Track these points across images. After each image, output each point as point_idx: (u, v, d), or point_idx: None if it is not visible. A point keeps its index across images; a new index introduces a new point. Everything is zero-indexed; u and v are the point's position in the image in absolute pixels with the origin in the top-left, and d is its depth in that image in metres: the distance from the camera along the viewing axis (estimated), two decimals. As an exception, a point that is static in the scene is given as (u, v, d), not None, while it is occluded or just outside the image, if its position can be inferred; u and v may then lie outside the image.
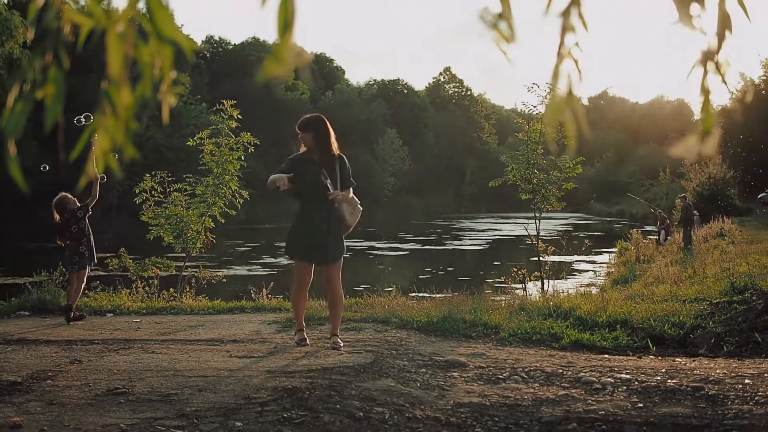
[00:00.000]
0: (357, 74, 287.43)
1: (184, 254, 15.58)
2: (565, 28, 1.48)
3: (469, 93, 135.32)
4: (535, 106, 17.30)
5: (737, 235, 28.21)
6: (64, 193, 10.85)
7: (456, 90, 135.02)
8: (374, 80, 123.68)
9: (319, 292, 8.14)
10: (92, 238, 10.86)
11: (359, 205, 8.08)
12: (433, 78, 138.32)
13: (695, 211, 32.43)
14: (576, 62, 1.50)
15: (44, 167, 13.64)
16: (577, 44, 1.49)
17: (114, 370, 6.64)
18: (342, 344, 7.69)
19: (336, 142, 8.04)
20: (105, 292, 13.22)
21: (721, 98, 71.62)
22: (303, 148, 8.05)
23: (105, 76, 1.41)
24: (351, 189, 7.98)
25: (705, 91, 1.53)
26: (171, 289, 13.84)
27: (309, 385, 5.80)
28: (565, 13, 1.48)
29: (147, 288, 13.81)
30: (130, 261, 15.23)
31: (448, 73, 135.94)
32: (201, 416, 5.06)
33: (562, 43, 1.49)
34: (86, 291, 13.02)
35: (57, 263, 13.42)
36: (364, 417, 5.11)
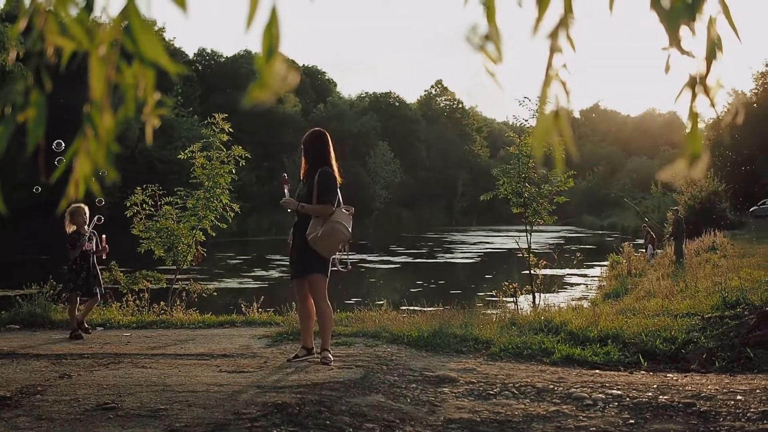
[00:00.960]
0: (349, 87, 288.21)
1: (174, 267, 15.54)
2: (553, 50, 1.47)
3: (460, 106, 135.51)
4: (526, 120, 17.30)
5: (729, 249, 28.20)
6: (76, 205, 10.33)
7: (447, 103, 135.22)
8: (366, 93, 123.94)
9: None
10: (77, 269, 10.49)
11: (338, 226, 7.68)
12: (425, 91, 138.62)
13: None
14: (564, 84, 1.49)
15: (37, 189, 13.62)
16: (564, 65, 1.48)
17: (103, 384, 6.62)
18: (332, 359, 7.66)
19: (329, 157, 7.99)
20: (95, 306, 13.16)
21: (711, 112, 71.73)
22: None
23: (87, 99, 1.40)
24: (330, 206, 7.73)
25: (693, 115, 1.52)
26: (161, 303, 13.81)
27: (299, 400, 5.78)
28: (553, 35, 1.47)
29: (137, 301, 13.75)
30: (121, 274, 15.17)
31: (439, 86, 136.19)
32: (190, 432, 5.03)
33: (550, 65, 1.48)
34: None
35: (47, 276, 13.38)
36: (354, 433, 5.10)
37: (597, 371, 7.57)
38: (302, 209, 7.69)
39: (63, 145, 10.23)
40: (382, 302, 12.72)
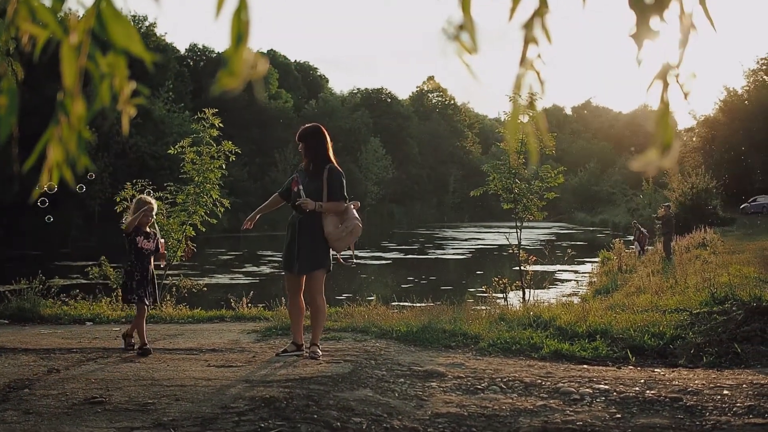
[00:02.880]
0: (340, 83, 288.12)
1: (164, 262, 15.53)
2: (528, 40, 1.46)
3: (452, 102, 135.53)
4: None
5: (719, 246, 28.27)
6: (140, 196, 9.40)
7: (439, 99, 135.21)
8: (358, 89, 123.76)
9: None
10: (131, 270, 9.05)
11: (358, 223, 7.92)
12: (417, 87, 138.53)
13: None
14: (538, 74, 1.48)
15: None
16: (539, 56, 1.48)
17: (91, 379, 6.61)
18: (320, 354, 7.66)
19: (331, 153, 8.04)
20: (85, 301, 13.14)
21: (705, 108, 72.13)
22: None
23: (61, 88, 1.40)
24: (343, 203, 7.93)
25: (664, 105, 1.52)
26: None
27: (287, 394, 5.79)
28: (528, 25, 1.46)
29: (128, 296, 13.71)
30: (111, 269, 15.14)
31: (431, 82, 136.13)
32: (178, 426, 5.03)
33: (524, 56, 1.47)
34: (66, 300, 12.95)
35: (37, 271, 13.34)
36: (341, 427, 5.10)
37: (585, 366, 7.58)
38: (320, 208, 7.73)
39: (84, 188, 9.74)
40: (372, 298, 12.74)
